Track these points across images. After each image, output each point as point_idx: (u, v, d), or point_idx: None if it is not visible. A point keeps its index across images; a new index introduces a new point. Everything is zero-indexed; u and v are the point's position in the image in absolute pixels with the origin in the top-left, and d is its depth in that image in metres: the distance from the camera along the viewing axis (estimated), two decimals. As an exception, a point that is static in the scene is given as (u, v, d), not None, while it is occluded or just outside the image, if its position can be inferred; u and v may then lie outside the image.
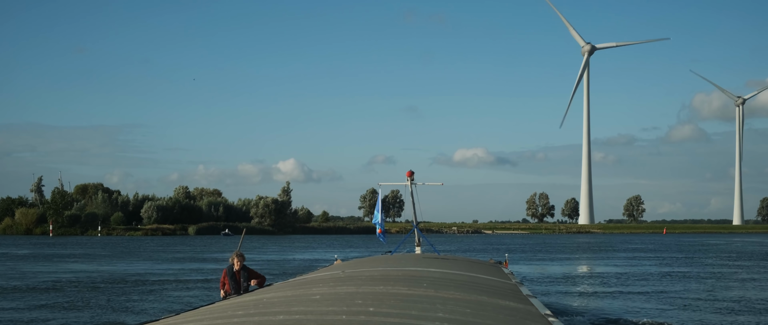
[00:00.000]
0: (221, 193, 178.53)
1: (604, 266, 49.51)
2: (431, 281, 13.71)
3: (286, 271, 40.51)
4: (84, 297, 28.03)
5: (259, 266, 46.49)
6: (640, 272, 42.91)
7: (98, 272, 41.24)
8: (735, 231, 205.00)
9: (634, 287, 32.87)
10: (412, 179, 23.36)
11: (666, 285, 34.09)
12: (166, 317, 11.80)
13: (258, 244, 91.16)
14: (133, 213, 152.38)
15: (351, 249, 75.50)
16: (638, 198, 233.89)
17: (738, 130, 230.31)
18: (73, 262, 51.94)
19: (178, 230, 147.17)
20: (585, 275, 41.67)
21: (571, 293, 31.04)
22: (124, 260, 54.08)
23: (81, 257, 59.39)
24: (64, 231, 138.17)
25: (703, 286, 33.87)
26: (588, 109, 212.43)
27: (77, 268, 45.09)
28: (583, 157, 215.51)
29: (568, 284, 35.25)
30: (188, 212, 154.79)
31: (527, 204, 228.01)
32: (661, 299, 28.28)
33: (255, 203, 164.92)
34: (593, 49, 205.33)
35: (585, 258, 61.48)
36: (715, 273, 42.58)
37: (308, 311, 9.49)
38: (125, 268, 45.35)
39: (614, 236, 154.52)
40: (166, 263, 50.75)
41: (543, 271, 44.39)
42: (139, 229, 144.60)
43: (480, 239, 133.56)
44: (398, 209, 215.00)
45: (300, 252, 70.20)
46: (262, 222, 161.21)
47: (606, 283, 35.32)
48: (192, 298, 27.53)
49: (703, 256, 64.65)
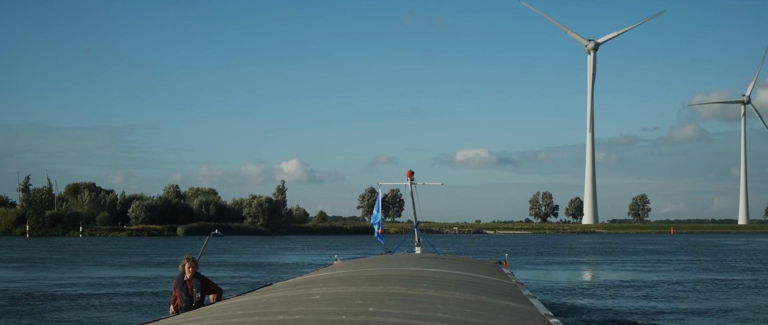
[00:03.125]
0: (217, 192, 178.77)
1: (623, 272, 44.93)
2: (431, 281, 13.95)
3: (240, 281, 36.18)
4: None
5: (227, 270, 44.45)
6: (673, 280, 38.29)
7: (11, 283, 35.85)
8: (743, 231, 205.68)
9: (680, 303, 28.20)
10: (412, 179, 23.74)
11: (718, 300, 29.43)
12: (165, 317, 12.14)
13: (239, 246, 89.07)
14: (120, 213, 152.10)
15: (341, 251, 71.25)
16: (644, 197, 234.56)
17: (743, 130, 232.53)
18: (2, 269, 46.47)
19: (166, 231, 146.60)
20: (608, 286, 35.01)
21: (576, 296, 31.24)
22: (67, 267, 48.40)
23: (18, 262, 53.11)
24: (44, 232, 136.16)
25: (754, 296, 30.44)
26: (591, 109, 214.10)
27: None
28: (587, 156, 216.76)
29: (585, 296, 30.44)
30: (178, 212, 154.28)
31: (530, 204, 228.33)
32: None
33: (248, 202, 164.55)
34: (596, 45, 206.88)
35: (599, 263, 56.34)
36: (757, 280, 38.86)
37: (308, 311, 9.67)
38: (55, 277, 39.82)
39: (621, 236, 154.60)
40: (119, 269, 45.77)
41: (550, 280, 39.01)
42: (124, 229, 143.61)
43: (481, 239, 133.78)
44: (398, 208, 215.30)
45: (279, 255, 68.00)
46: (255, 222, 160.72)
47: (638, 295, 30.76)
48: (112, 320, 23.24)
49: (731, 258, 61.64)
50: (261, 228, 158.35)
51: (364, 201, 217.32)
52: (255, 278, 38.82)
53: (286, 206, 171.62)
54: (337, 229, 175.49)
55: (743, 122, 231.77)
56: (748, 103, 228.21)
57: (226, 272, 43.76)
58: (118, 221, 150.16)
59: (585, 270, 47.92)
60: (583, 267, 50.97)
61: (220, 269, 46.00)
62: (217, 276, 37.61)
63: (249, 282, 35.35)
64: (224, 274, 41.51)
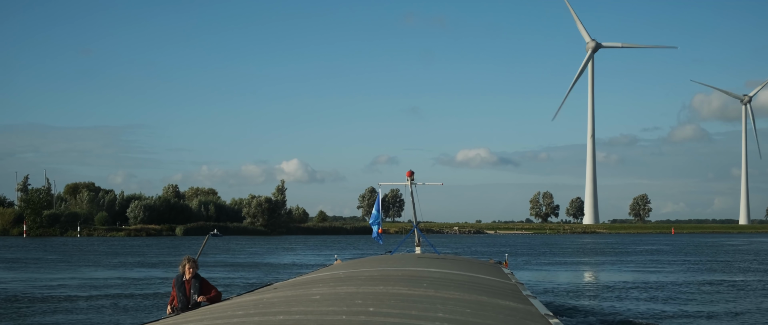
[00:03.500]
0: (217, 192, 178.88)
1: (624, 272, 44.45)
2: (431, 281, 14.07)
3: (234, 283, 35.45)
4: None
5: (222, 271, 43.89)
6: (678, 281, 37.62)
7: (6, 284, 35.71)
8: (744, 231, 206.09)
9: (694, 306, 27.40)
10: (412, 179, 23.88)
11: (724, 302, 28.60)
12: (165, 317, 12.23)
13: (237, 245, 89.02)
14: (119, 213, 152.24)
15: (339, 251, 70.30)
16: (645, 197, 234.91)
17: (744, 129, 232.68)
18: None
19: (164, 231, 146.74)
20: (609, 286, 34.44)
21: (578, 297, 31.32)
22: (63, 267, 48.03)
23: (10, 263, 52.50)
24: (42, 232, 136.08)
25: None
26: (592, 109, 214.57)
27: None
28: (588, 156, 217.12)
29: (586, 296, 29.91)
30: (177, 212, 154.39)
31: (531, 203, 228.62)
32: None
33: (247, 202, 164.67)
34: (598, 46, 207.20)
35: (601, 263, 55.33)
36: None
37: (308, 311, 9.78)
38: (46, 278, 39.23)
39: (622, 237, 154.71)
40: (112, 270, 45.03)
41: (550, 280, 38.77)
42: (123, 229, 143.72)
43: (481, 239, 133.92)
44: (398, 208, 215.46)
45: (276, 255, 67.75)
46: (254, 222, 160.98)
47: (640, 296, 30.14)
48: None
49: (737, 259, 61.12)
50: (260, 228, 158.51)
51: (364, 201, 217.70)
52: (250, 279, 38.51)
53: (286, 206, 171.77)
54: (337, 229, 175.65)
55: (744, 122, 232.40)
56: (748, 103, 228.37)
57: (221, 272, 43.44)
58: (116, 221, 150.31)
59: (586, 270, 47.96)
60: (583, 267, 50.95)
61: (214, 269, 45.79)
62: (211, 277, 36.89)
63: (243, 284, 35.05)
64: (219, 274, 41.20)
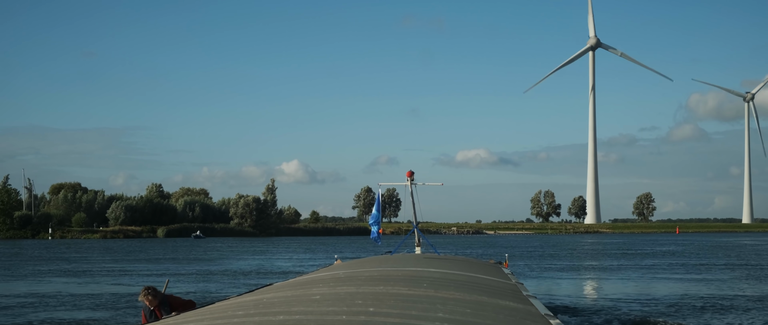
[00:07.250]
0: (208, 192, 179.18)
1: (630, 272, 41.53)
2: (431, 281, 14.44)
3: (207, 293, 32.15)
4: None
5: (189, 281, 39.16)
6: (691, 284, 35.32)
7: None
8: (749, 230, 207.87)
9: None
10: (412, 179, 24.47)
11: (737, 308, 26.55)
12: (165, 318, 12.64)
13: (214, 249, 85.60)
14: (99, 214, 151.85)
15: (329, 255, 66.27)
16: (649, 196, 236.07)
17: (747, 128, 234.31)
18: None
19: (145, 232, 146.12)
20: (611, 287, 32.44)
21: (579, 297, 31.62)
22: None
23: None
24: (13, 234, 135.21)
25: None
26: (594, 108, 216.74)
27: None
28: (589, 155, 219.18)
29: (587, 297, 28.63)
30: (160, 213, 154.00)
31: (532, 203, 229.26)
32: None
33: (235, 202, 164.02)
34: (598, 43, 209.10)
35: (605, 267, 51.25)
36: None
37: (308, 311, 10.09)
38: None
39: (627, 236, 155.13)
40: (54, 282, 39.13)
41: (550, 280, 37.59)
42: (98, 231, 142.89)
43: (481, 239, 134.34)
44: (395, 208, 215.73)
45: (249, 258, 64.59)
46: (242, 223, 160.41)
47: (644, 298, 28.77)
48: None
49: (755, 260, 58.71)
50: (248, 229, 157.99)
51: (359, 201, 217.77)
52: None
53: (276, 205, 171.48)
54: (330, 230, 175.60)
55: (746, 120, 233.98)
56: (751, 100, 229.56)
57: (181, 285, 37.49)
58: (97, 222, 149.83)
59: (587, 270, 48.17)
60: (585, 269, 50.95)
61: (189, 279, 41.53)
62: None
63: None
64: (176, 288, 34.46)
